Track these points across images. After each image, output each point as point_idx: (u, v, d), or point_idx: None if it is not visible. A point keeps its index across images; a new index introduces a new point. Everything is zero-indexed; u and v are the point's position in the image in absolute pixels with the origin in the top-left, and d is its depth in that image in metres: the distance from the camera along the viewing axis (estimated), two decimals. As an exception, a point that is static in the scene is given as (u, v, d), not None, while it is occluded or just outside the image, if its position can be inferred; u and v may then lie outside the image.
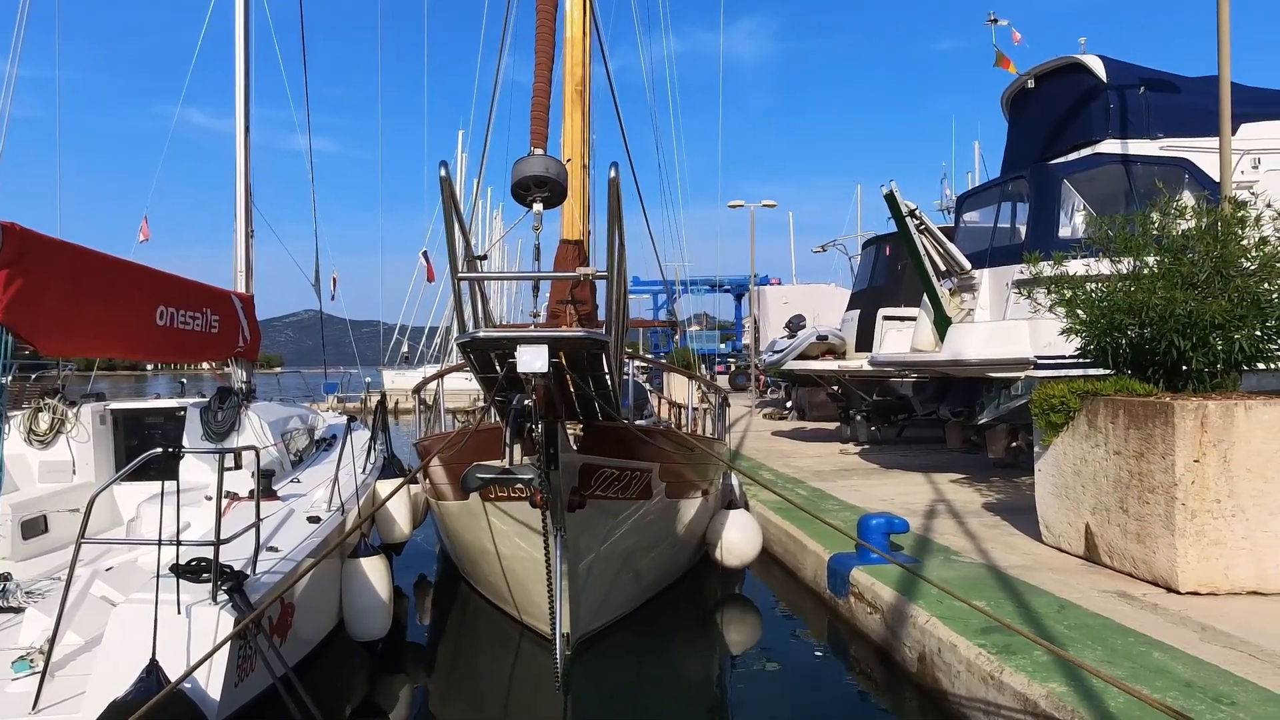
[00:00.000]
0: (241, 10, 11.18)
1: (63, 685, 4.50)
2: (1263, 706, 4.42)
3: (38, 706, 4.31)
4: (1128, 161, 12.34)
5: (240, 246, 11.19)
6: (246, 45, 11.19)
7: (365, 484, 8.25)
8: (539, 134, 5.74)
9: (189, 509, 6.23)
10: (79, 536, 4.63)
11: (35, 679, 4.46)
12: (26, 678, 4.59)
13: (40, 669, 4.47)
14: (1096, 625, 5.80)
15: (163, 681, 4.12)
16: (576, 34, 8.91)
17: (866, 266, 20.62)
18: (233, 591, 4.71)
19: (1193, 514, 6.48)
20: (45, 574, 6.48)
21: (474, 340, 4.92)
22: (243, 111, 11.12)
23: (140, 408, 9.00)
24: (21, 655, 4.84)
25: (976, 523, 9.43)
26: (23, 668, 4.70)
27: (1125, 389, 7.49)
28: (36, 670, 4.54)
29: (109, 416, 8.54)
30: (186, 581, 4.67)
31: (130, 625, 4.41)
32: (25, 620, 5.32)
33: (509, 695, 6.36)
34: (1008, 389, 12.14)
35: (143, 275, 8.02)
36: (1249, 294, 7.31)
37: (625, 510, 6.90)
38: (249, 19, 11.26)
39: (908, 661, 6.23)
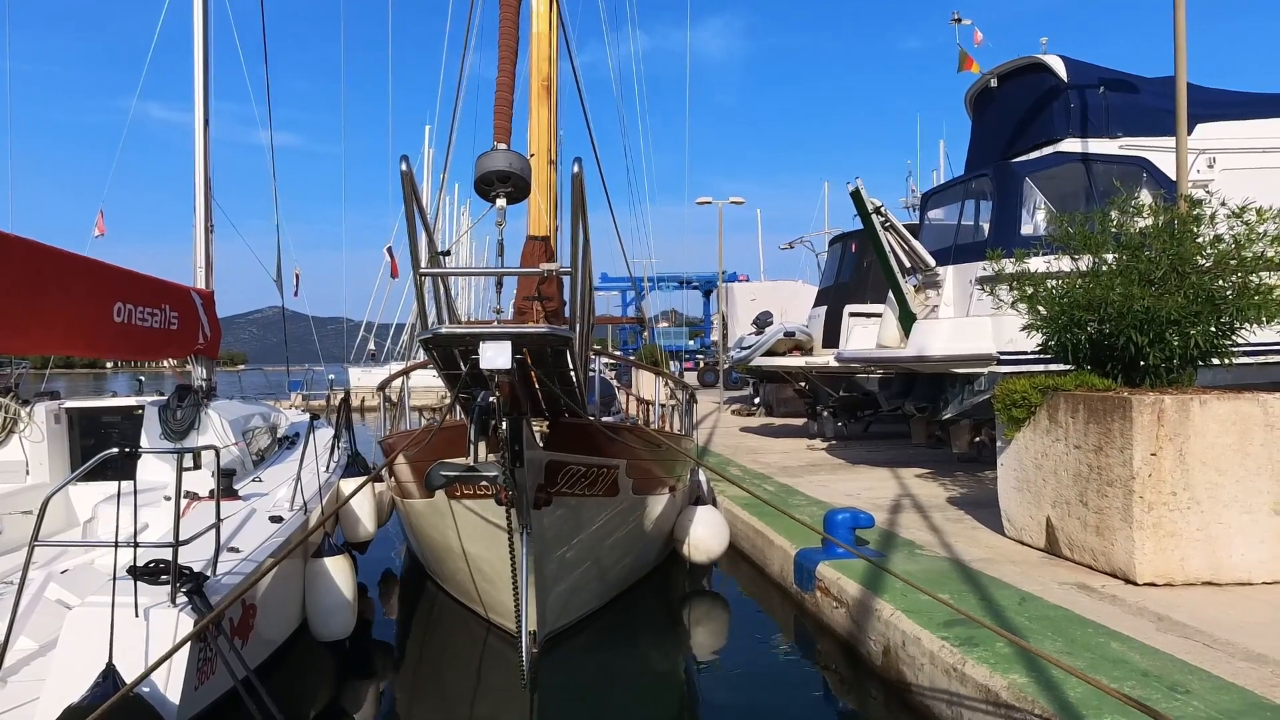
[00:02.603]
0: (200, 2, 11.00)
1: (16, 691, 4.41)
2: (1215, 695, 4.51)
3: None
4: (1088, 160, 12.52)
5: (200, 242, 11.00)
6: (206, 38, 11.01)
7: (329, 483, 8.16)
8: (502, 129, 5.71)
9: (147, 509, 6.11)
10: (32, 538, 4.53)
11: None
12: None
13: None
14: (1057, 617, 5.88)
15: (119, 685, 4.04)
16: (543, 29, 8.87)
17: (833, 263, 20.73)
18: (192, 593, 4.64)
19: (1149, 506, 6.60)
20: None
21: (436, 337, 4.89)
22: (202, 105, 10.93)
23: (97, 406, 8.83)
24: None
25: (941, 517, 9.53)
26: None
27: (1085, 384, 7.59)
28: None
29: (64, 415, 8.36)
30: (144, 584, 4.59)
31: (86, 629, 4.32)
32: None
33: (476, 694, 6.33)
34: (971, 384, 12.28)
35: (99, 270, 7.87)
36: (1203, 291, 7.43)
37: (592, 507, 6.89)
38: (208, 11, 11.08)
39: (873, 655, 6.28)
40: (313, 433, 8.17)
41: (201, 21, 10.98)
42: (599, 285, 45.12)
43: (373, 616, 8.20)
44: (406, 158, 4.60)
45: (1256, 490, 6.61)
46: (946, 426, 14.47)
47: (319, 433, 9.57)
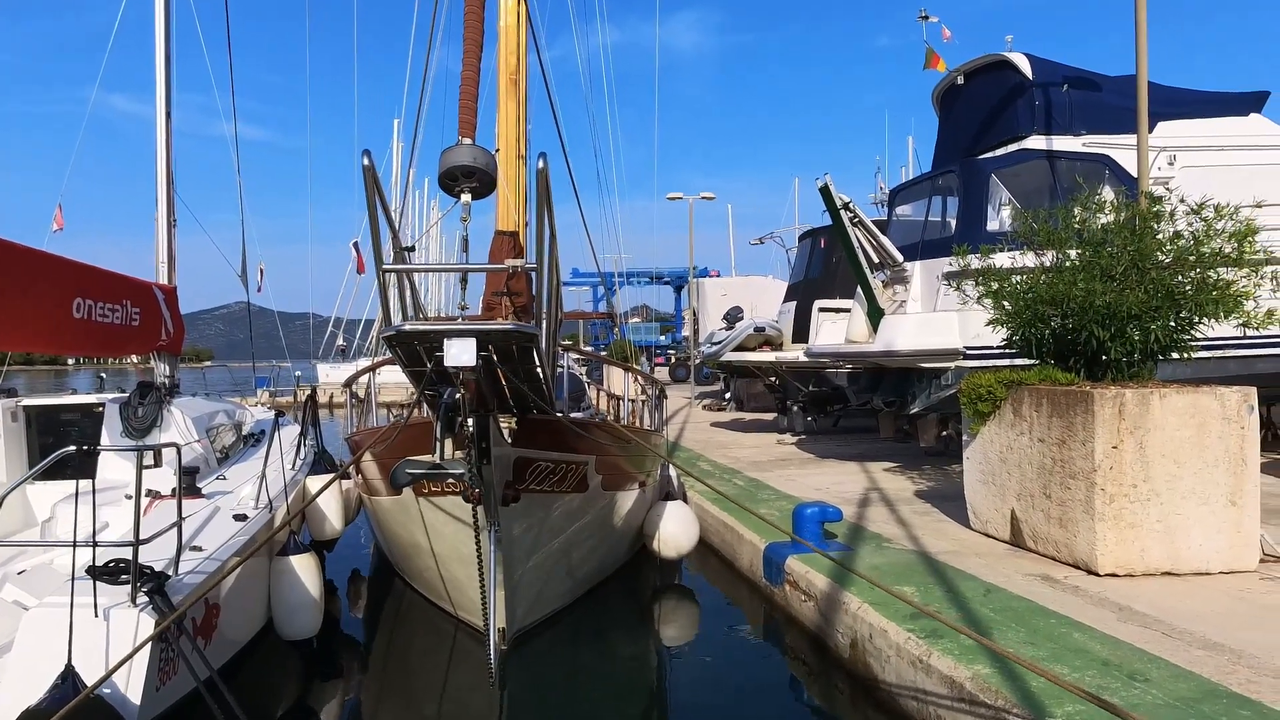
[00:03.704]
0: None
1: None
2: (1173, 683, 4.60)
3: None
4: (1052, 157, 12.67)
5: (162, 236, 10.84)
6: (168, 27, 10.82)
7: (295, 480, 8.08)
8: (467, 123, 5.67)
9: (108, 508, 6.04)
10: None
11: None
12: None
13: None
14: (1021, 608, 5.95)
15: (80, 687, 4.00)
16: (511, 22, 8.80)
17: (803, 259, 20.80)
18: (153, 593, 4.58)
19: (1111, 498, 6.70)
20: None
21: (399, 334, 4.85)
22: (164, 96, 10.75)
23: (55, 404, 8.69)
24: None
25: (908, 510, 9.61)
26: None
27: (1048, 378, 7.68)
28: None
29: (21, 413, 8.23)
30: (104, 584, 4.52)
31: (44, 630, 4.26)
32: None
33: (444, 692, 6.32)
34: (938, 379, 12.37)
35: (57, 265, 7.74)
36: (1163, 286, 7.54)
37: (561, 503, 6.89)
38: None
39: (840, 648, 6.32)
40: (278, 430, 8.09)
41: (164, 9, 10.80)
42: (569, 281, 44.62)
43: (340, 615, 8.15)
44: (368, 152, 4.56)
45: (1213, 482, 6.73)
46: (914, 421, 14.61)
47: (285, 430, 9.48)
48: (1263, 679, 4.64)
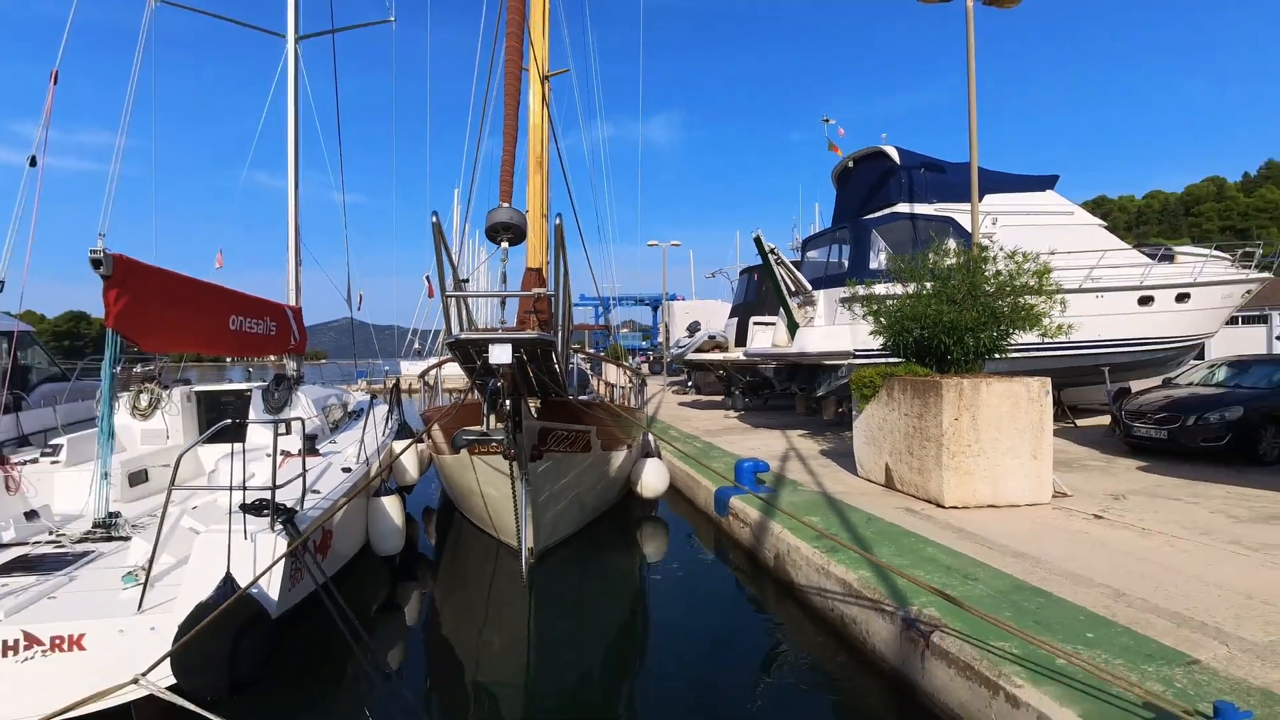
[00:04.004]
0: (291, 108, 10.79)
1: (161, 593, 4.34)
2: (993, 580, 4.70)
3: (142, 608, 4.15)
4: (913, 218, 12.78)
5: (291, 272, 10.79)
6: (296, 129, 10.80)
7: (384, 444, 8.07)
8: (505, 193, 5.68)
9: (254, 463, 6.02)
10: (170, 484, 4.46)
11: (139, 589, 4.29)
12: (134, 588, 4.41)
13: (143, 581, 4.30)
14: (892, 531, 6.03)
15: (235, 588, 4.02)
16: (536, 122, 8.82)
17: (742, 288, 20.85)
18: (286, 523, 4.59)
19: (953, 454, 6.80)
20: (146, 512, 6.20)
21: (457, 341, 4.87)
22: (293, 175, 10.73)
23: (217, 389, 8.63)
24: (129, 571, 4.64)
25: (815, 463, 9.63)
26: (130, 580, 4.51)
27: (912, 372, 7.77)
28: (140, 582, 4.36)
29: (194, 396, 8.19)
30: (251, 516, 4.54)
31: (210, 548, 4.27)
32: (131, 546, 5.10)
33: (490, 591, 6.33)
34: (836, 372, 12.48)
35: (219, 292, 7.70)
36: (989, 308, 7.63)
37: (572, 460, 6.90)
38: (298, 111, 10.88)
39: (768, 560, 6.38)
40: (372, 409, 8.07)
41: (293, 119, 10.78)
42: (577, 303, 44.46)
43: (417, 539, 8.13)
44: (436, 213, 4.57)
45: (1022, 442, 6.84)
46: (819, 401, 14.71)
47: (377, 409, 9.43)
48: (1052, 576, 4.75)
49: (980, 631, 3.81)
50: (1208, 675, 3.34)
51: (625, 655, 5.07)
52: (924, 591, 4.37)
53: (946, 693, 3.72)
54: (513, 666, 4.87)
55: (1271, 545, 5.38)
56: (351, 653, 4.61)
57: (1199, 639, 3.74)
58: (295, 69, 11.06)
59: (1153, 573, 4.80)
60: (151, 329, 6.20)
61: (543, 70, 8.89)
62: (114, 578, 4.58)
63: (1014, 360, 9.19)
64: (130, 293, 5.74)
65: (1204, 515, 6.35)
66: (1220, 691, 3.17)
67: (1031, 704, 3.17)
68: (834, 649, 4.75)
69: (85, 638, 3.95)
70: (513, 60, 5.84)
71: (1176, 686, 3.23)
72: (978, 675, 3.50)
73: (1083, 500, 6.99)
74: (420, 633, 5.61)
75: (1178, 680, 3.29)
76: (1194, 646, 3.64)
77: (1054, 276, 7.83)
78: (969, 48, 10.60)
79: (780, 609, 5.63)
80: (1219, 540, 5.55)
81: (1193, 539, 5.61)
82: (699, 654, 4.94)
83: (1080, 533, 5.85)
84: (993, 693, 3.38)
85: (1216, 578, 4.67)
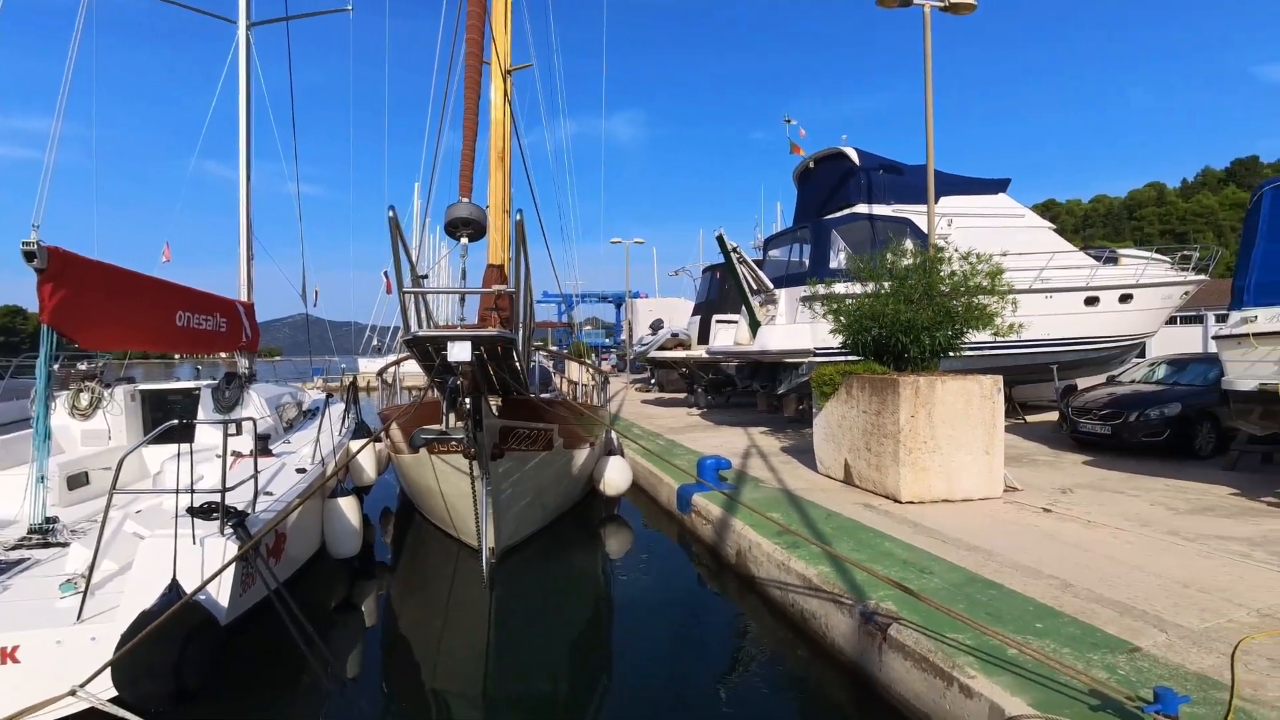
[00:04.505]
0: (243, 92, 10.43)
1: (102, 601, 4.16)
2: (948, 573, 4.81)
3: (81, 618, 3.97)
4: (872, 218, 13.01)
5: (243, 266, 10.45)
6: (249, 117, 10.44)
7: (340, 443, 7.88)
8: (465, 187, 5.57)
9: (203, 465, 5.82)
10: (111, 487, 4.28)
11: (78, 597, 4.10)
12: (72, 597, 4.21)
13: (83, 589, 4.11)
14: (850, 526, 6.11)
15: (181, 594, 3.87)
16: (498, 116, 8.69)
17: (705, 286, 20.93)
18: (237, 526, 4.45)
19: (909, 450, 6.93)
20: (86, 517, 5.93)
21: (415, 338, 4.78)
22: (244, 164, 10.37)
23: (164, 388, 8.31)
24: (67, 579, 4.43)
25: (776, 460, 9.73)
26: (69, 589, 4.31)
27: (870, 370, 7.89)
28: (79, 591, 4.17)
29: (138, 395, 7.87)
30: (200, 520, 4.38)
31: (155, 554, 4.11)
32: (70, 553, 4.87)
33: (451, 592, 6.24)
34: (797, 369, 12.63)
35: (165, 287, 7.41)
36: (944, 308, 7.80)
37: (534, 458, 6.84)
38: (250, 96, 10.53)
39: (730, 555, 6.42)
40: (328, 407, 7.87)
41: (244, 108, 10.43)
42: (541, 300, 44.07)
43: (374, 540, 7.96)
44: (393, 208, 4.46)
45: (975, 439, 7.01)
46: (780, 398, 14.87)
47: (334, 407, 9.21)
48: (1004, 569, 4.89)
49: (935, 623, 3.90)
50: (1148, 662, 3.47)
51: (588, 655, 5.04)
52: (882, 585, 4.45)
53: (903, 684, 3.79)
54: (473, 669, 4.79)
55: (1206, 536, 5.64)
56: (305, 660, 4.48)
57: (1140, 627, 3.88)
58: (247, 56, 10.70)
59: (1098, 564, 4.97)
60: (91, 324, 5.93)
61: (505, 64, 8.78)
62: (51, 586, 4.37)
63: (968, 359, 9.44)
64: (67, 286, 5.49)
65: (1145, 507, 6.61)
66: (1160, 678, 3.30)
67: (984, 694, 3.24)
68: (795, 643, 4.80)
69: (19, 650, 3.76)
70: (473, 53, 5.74)
71: (1120, 674, 3.35)
72: (933, 667, 3.58)
73: (1032, 494, 7.20)
74: (377, 637, 5.48)
75: (1121, 667, 3.41)
76: (1136, 635, 3.79)
77: (1005, 277, 8.04)
78: (925, 53, 10.83)
79: (742, 604, 5.66)
80: (1159, 531, 5.79)
81: (1135, 530, 5.83)
82: (662, 652, 4.94)
83: (1030, 526, 6.02)
84: (947, 684, 3.46)
85: (1156, 568, 4.87)
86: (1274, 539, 5.52)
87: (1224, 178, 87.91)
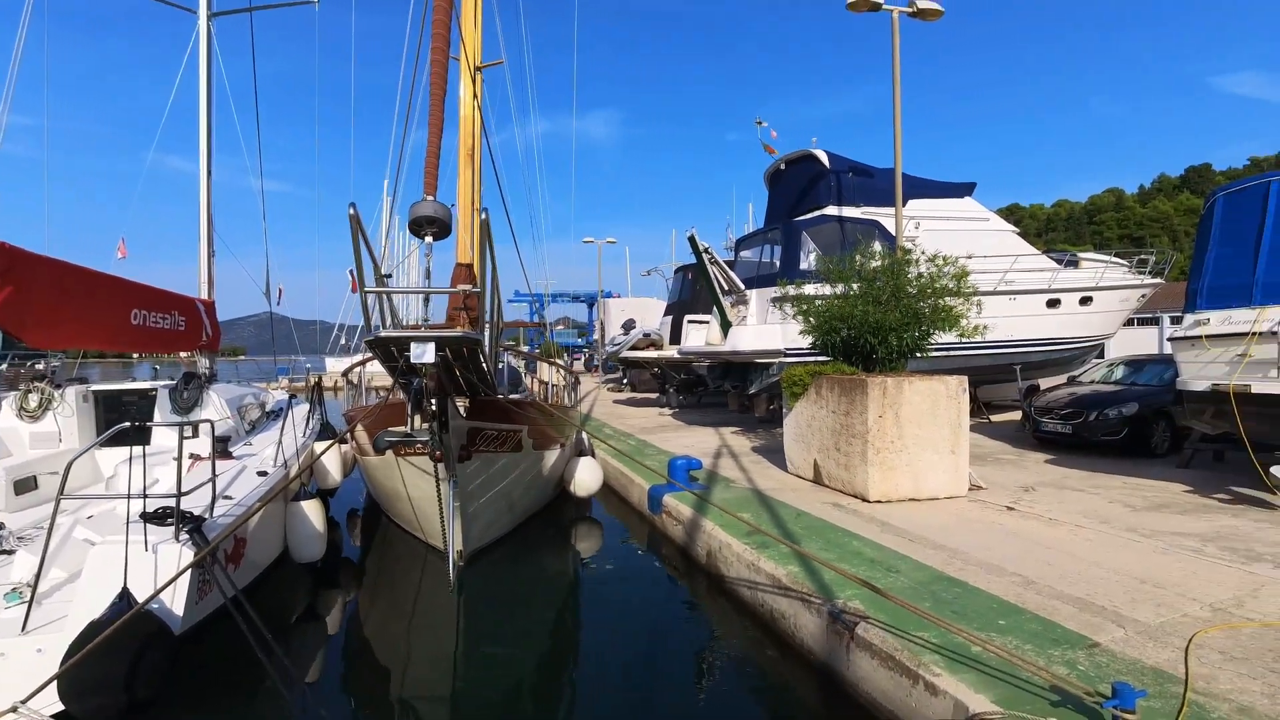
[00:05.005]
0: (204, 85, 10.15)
1: (49, 611, 3.99)
2: (914, 572, 4.87)
3: (26, 629, 3.80)
4: (841, 220, 13.16)
5: (203, 263, 10.18)
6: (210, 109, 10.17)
7: (305, 445, 7.69)
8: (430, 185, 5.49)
9: (160, 468, 5.63)
10: (59, 492, 4.11)
11: (24, 607, 3.93)
12: (17, 607, 4.03)
13: (28, 599, 3.94)
14: (819, 525, 6.15)
15: (133, 604, 3.72)
16: (468, 113, 8.59)
17: (677, 286, 20.95)
18: (193, 531, 4.30)
19: (878, 450, 7.01)
20: (34, 523, 5.70)
21: (376, 339, 4.69)
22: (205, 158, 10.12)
23: (118, 389, 8.02)
24: (12, 588, 4.24)
25: (747, 460, 9.77)
26: (14, 598, 4.13)
27: (839, 370, 7.95)
28: (25, 600, 4.00)
29: (90, 396, 7.58)
30: (154, 526, 4.23)
31: (105, 561, 3.96)
32: (16, 560, 4.68)
33: (418, 596, 6.13)
34: (768, 370, 12.72)
35: (118, 284, 7.16)
36: (912, 309, 7.91)
37: (503, 460, 6.76)
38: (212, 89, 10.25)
39: (700, 556, 6.42)
40: (292, 408, 7.68)
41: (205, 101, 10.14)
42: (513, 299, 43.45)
43: (341, 543, 7.80)
44: (354, 204, 4.36)
45: (941, 438, 7.12)
46: (751, 398, 14.95)
47: (298, 408, 8.99)
48: (969, 567, 4.96)
49: (902, 622, 3.93)
50: (1107, 657, 3.55)
51: (558, 658, 4.99)
52: (850, 584, 4.48)
53: (870, 683, 3.82)
54: (439, 675, 4.71)
55: (1161, 532, 5.80)
56: (264, 669, 4.36)
57: (1100, 622, 3.97)
58: (208, 47, 10.42)
59: (1059, 560, 5.08)
60: (40, 323, 5.72)
61: (475, 61, 8.67)
62: None
63: (934, 359, 9.59)
64: (15, 283, 5.30)
65: (1104, 505, 6.78)
66: (1118, 673, 3.37)
67: (949, 691, 3.28)
68: (764, 643, 4.81)
69: (-42, 663, 3.59)
70: (438, 49, 5.65)
71: (1080, 669, 3.41)
72: (899, 665, 3.61)
73: (996, 492, 7.34)
74: (341, 643, 5.36)
75: (1080, 663, 3.48)
76: (1095, 630, 3.87)
77: (971, 279, 8.18)
78: (894, 59, 10.98)
79: (713, 605, 5.66)
80: (1117, 528, 5.94)
81: (1094, 527, 5.97)
82: (632, 654, 4.91)
83: (994, 524, 6.13)
84: (913, 682, 3.49)
85: (1115, 564, 4.99)
86: (1225, 534, 5.70)
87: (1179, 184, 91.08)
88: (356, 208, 4.31)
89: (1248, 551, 5.23)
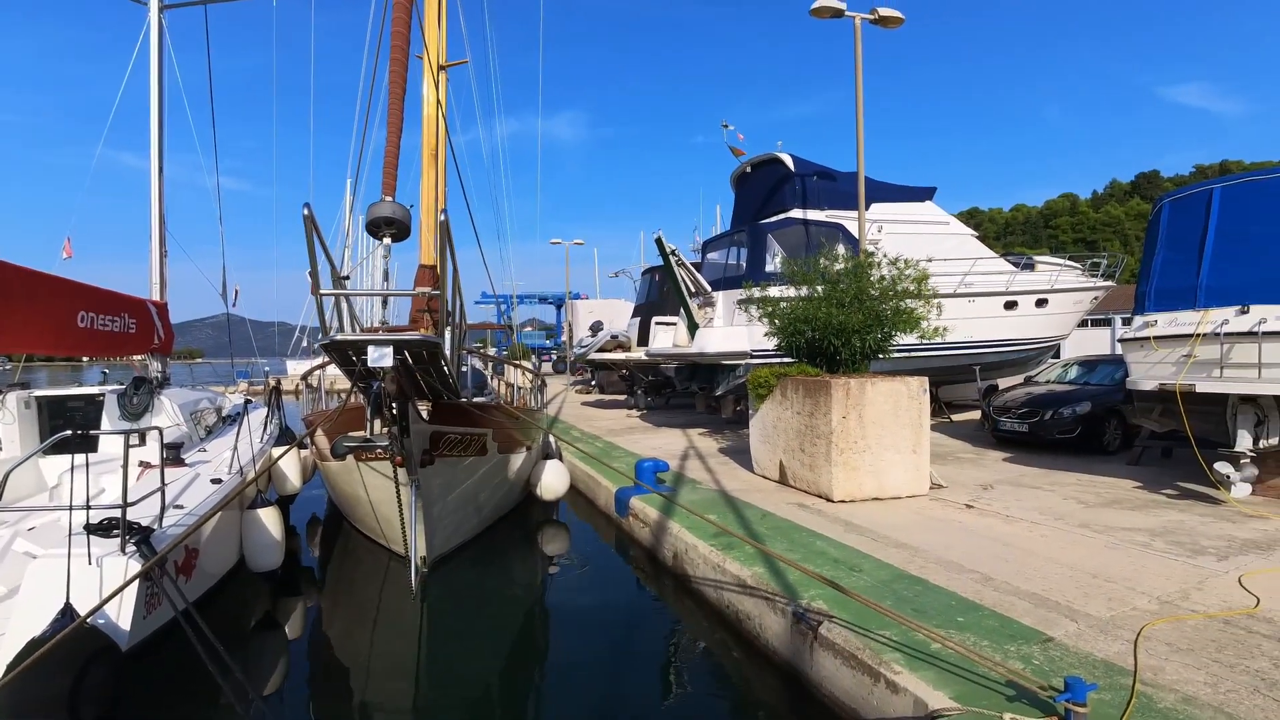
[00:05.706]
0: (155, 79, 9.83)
1: None
2: (877, 570, 4.94)
3: None
4: (806, 223, 13.32)
5: (155, 264, 9.85)
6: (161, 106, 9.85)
7: (262, 451, 7.49)
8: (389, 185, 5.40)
9: (107, 477, 5.41)
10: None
11: None
12: None
13: None
14: (785, 526, 6.21)
15: (75, 619, 3.56)
16: (431, 113, 8.48)
17: (644, 288, 20.95)
18: (140, 543, 4.15)
19: (841, 451, 7.10)
20: None
21: (332, 342, 4.60)
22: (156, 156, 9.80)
23: (63, 394, 7.69)
24: None
25: (713, 461, 9.82)
26: None
27: (803, 372, 8.04)
28: None
29: (33, 402, 7.24)
30: (98, 537, 4.06)
31: (46, 575, 3.79)
32: None
33: (381, 604, 6.02)
34: (734, 371, 12.80)
35: (63, 285, 6.89)
36: (874, 311, 8.02)
37: (467, 464, 6.68)
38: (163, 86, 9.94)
39: (667, 558, 6.42)
40: (248, 412, 7.48)
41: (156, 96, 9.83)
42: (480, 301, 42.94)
43: (300, 551, 7.62)
44: (308, 205, 4.26)
45: (903, 438, 7.25)
46: (718, 399, 15.04)
47: (256, 413, 8.77)
48: (929, 565, 5.06)
49: (864, 620, 3.99)
50: (1060, 651, 3.65)
51: (523, 663, 4.94)
52: (814, 584, 4.52)
53: (833, 682, 3.87)
54: (402, 683, 4.62)
55: (1113, 528, 5.99)
56: (218, 684, 4.22)
57: (1054, 617, 4.08)
58: (160, 40, 10.10)
59: (1016, 557, 5.21)
60: (-25, 326, 5.46)
61: (438, 60, 8.56)
62: None
63: (896, 360, 9.76)
64: (-52, 285, 5.04)
65: (1059, 502, 6.98)
66: (1071, 666, 3.46)
67: (909, 689, 3.33)
68: (730, 644, 4.83)
69: (-117, 686, 3.39)
70: (398, 47, 5.56)
71: (1034, 664, 3.50)
72: (861, 664, 3.66)
73: (956, 491, 7.50)
74: (300, 654, 5.22)
75: (1035, 658, 3.57)
76: (1049, 625, 3.97)
77: (931, 282, 8.35)
78: (857, 64, 11.16)
79: (679, 607, 5.67)
80: (1071, 524, 6.12)
81: (1049, 524, 6.14)
82: (598, 657, 4.89)
83: (954, 522, 6.26)
84: (874, 680, 3.54)
85: (1069, 559, 5.14)
86: (1172, 529, 5.92)
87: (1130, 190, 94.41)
88: (311, 208, 4.22)
89: (1193, 545, 5.44)
